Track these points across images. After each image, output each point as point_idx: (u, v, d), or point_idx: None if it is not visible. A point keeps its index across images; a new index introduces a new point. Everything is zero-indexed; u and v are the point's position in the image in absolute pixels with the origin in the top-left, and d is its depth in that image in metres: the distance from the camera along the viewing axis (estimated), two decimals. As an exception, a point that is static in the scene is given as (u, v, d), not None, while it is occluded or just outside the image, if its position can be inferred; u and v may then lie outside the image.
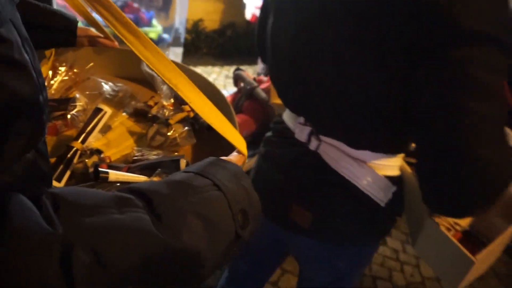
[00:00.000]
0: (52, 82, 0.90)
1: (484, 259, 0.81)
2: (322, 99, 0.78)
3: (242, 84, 2.14)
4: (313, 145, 0.86)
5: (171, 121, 0.85)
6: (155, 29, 3.08)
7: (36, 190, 0.38)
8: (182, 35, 3.23)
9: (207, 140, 0.88)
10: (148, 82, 0.96)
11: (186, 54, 4.14)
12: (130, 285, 0.36)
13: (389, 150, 0.81)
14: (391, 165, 0.83)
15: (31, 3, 0.90)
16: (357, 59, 0.68)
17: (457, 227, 0.92)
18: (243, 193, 0.52)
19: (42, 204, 0.35)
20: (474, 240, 0.93)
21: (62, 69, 0.92)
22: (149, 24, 3.05)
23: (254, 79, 2.37)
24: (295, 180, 0.90)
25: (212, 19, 4.89)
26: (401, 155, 0.85)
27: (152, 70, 0.91)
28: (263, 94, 2.13)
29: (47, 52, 0.95)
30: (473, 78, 0.57)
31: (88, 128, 0.81)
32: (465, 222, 0.95)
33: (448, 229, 0.90)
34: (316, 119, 0.84)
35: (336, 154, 0.83)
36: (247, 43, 4.55)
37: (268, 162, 0.98)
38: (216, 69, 4.53)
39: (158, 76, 0.91)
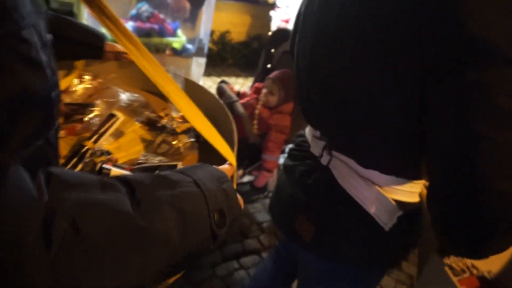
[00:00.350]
0: (76, 88, 1.01)
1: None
2: (336, 115, 0.78)
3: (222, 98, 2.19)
4: (324, 159, 0.89)
5: (178, 130, 0.93)
6: (179, 39, 3.14)
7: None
8: (206, 45, 3.32)
9: (210, 152, 0.95)
10: (162, 96, 1.05)
11: (211, 65, 4.29)
12: (98, 255, 0.39)
13: (399, 173, 0.79)
14: (403, 190, 0.80)
15: (68, 21, 1.03)
16: (372, 78, 0.67)
17: (474, 271, 0.86)
18: (222, 195, 0.55)
19: (35, 176, 0.40)
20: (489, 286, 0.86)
21: (87, 77, 1.03)
22: (173, 34, 3.11)
23: (238, 93, 2.41)
24: (304, 192, 0.93)
25: (238, 31, 5.13)
26: (422, 182, 0.81)
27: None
28: (241, 109, 2.16)
29: (77, 63, 1.06)
30: (491, 103, 0.53)
31: (101, 131, 0.90)
32: (485, 267, 0.88)
33: (463, 271, 0.84)
34: (329, 134, 0.86)
35: (345, 171, 0.83)
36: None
37: (286, 173, 1.03)
38: (240, 80, 4.67)
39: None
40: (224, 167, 0.67)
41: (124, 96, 0.98)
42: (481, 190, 0.56)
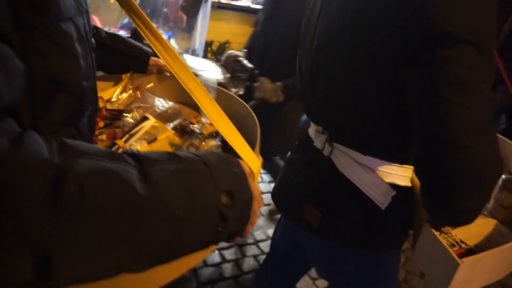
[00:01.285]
0: (120, 96, 1.12)
1: (474, 266, 0.84)
2: (335, 108, 0.92)
3: None
4: (326, 151, 1.01)
5: (204, 132, 0.98)
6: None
7: None
8: (200, 56, 3.33)
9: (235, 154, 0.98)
10: (196, 107, 1.12)
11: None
12: (100, 221, 0.41)
13: (393, 157, 0.91)
14: (397, 174, 0.93)
15: (119, 37, 1.17)
16: (360, 67, 0.81)
17: (463, 245, 0.98)
18: (232, 177, 0.56)
19: (49, 141, 0.43)
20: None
21: (130, 88, 1.14)
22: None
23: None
24: (309, 182, 1.04)
25: (238, 42, 4.86)
26: (412, 167, 0.94)
27: None
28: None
29: (123, 76, 1.19)
30: (455, 74, 0.67)
31: (132, 131, 0.98)
32: (472, 242, 1.01)
33: (452, 245, 0.95)
34: (330, 127, 0.99)
35: (345, 159, 0.95)
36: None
37: (290, 166, 1.16)
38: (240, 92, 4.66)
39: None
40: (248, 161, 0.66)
41: (158, 103, 1.06)
42: (449, 145, 0.69)
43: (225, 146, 1.01)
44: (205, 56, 5.00)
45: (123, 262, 0.45)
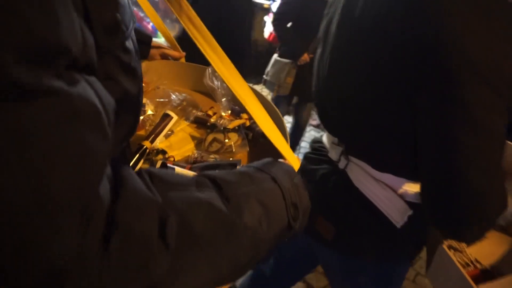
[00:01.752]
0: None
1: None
2: (351, 123, 0.90)
3: None
4: (342, 164, 0.99)
5: (229, 126, 1.00)
6: (159, 39, 3.10)
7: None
8: None
9: (260, 148, 1.03)
10: (209, 95, 1.12)
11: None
12: (203, 248, 0.45)
13: (410, 175, 0.90)
14: (413, 192, 0.91)
15: None
16: (381, 94, 0.80)
17: (478, 265, 0.98)
18: (294, 189, 0.61)
19: (142, 177, 0.45)
20: (491, 278, 0.96)
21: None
22: (153, 34, 3.07)
23: None
24: (323, 195, 1.03)
25: None
26: None
27: (213, 83, 1.09)
28: None
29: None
30: (469, 114, 0.66)
31: (157, 130, 0.98)
32: (487, 261, 1.01)
33: (467, 264, 0.96)
34: (347, 141, 0.97)
35: (361, 174, 0.95)
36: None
37: (304, 177, 1.11)
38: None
39: (218, 90, 1.09)
40: (291, 161, 0.72)
41: (174, 96, 1.05)
42: (456, 184, 0.70)
43: (247, 137, 1.05)
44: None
45: (222, 279, 0.50)
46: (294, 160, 0.73)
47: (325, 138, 1.10)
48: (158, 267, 0.40)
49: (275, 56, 2.73)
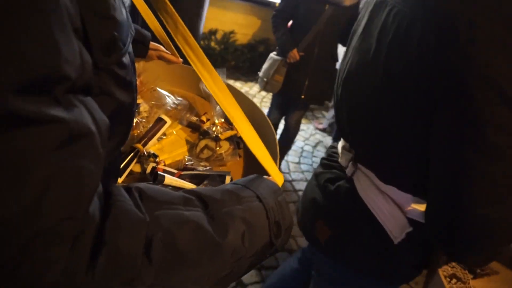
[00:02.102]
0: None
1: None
2: (362, 131, 0.91)
3: None
4: (349, 170, 1.00)
5: (221, 137, 1.03)
6: None
7: (113, 182, 0.51)
8: (198, 42, 3.29)
9: (251, 157, 1.05)
10: (206, 98, 1.14)
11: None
12: (187, 266, 0.46)
13: (415, 192, 0.88)
14: (418, 211, 0.89)
15: None
16: (394, 100, 0.78)
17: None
18: (278, 207, 0.63)
19: (132, 195, 0.47)
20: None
21: (132, 76, 1.12)
22: None
23: None
24: (325, 197, 1.04)
25: (243, 33, 4.96)
26: None
27: (209, 90, 1.11)
28: None
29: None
30: (484, 137, 0.62)
31: (150, 134, 1.00)
32: None
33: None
34: (356, 146, 0.97)
35: (366, 183, 0.95)
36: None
37: (314, 180, 1.15)
38: (238, 84, 4.61)
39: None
40: (275, 178, 0.74)
41: (169, 100, 1.07)
42: (463, 210, 0.68)
43: (239, 146, 1.08)
44: (208, 44, 4.74)
45: None
46: (278, 176, 0.75)
47: (339, 143, 1.11)
48: (142, 283, 0.42)
49: (272, 53, 2.72)
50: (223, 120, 1.10)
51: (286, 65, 2.61)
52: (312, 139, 3.93)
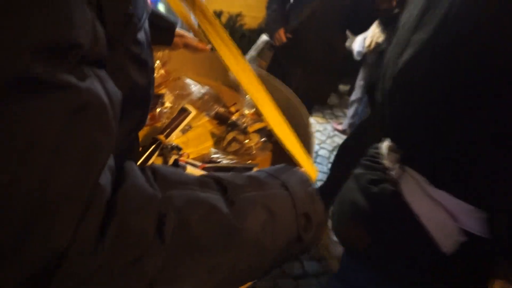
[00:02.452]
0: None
1: None
2: (414, 129, 0.83)
3: None
4: (396, 173, 0.91)
5: (249, 129, 0.95)
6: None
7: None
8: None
9: (282, 151, 0.97)
10: (235, 88, 1.07)
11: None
12: (200, 250, 0.44)
13: (472, 200, 0.80)
14: (474, 218, 0.81)
15: None
16: (448, 100, 0.73)
17: None
18: (308, 198, 0.57)
19: (145, 173, 0.45)
20: None
21: (156, 64, 1.06)
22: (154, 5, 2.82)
23: None
24: (367, 200, 0.95)
25: (253, 16, 4.41)
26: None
27: None
28: None
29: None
30: None
31: (173, 125, 0.94)
32: None
33: None
34: (403, 146, 0.89)
35: (414, 187, 0.86)
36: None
37: (353, 181, 1.05)
38: None
39: (244, 85, 1.03)
40: (308, 170, 0.68)
41: (195, 89, 1.00)
42: None
43: (270, 140, 0.99)
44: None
45: (217, 286, 0.48)
46: (311, 169, 0.69)
47: (384, 143, 1.02)
48: (152, 262, 0.40)
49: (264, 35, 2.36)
50: (253, 110, 1.02)
51: (273, 50, 2.25)
52: (329, 142, 3.42)
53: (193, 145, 0.99)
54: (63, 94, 0.34)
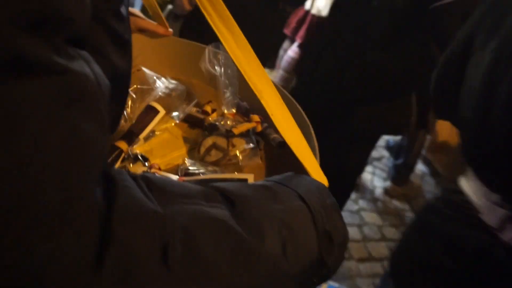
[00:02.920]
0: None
1: None
2: None
3: None
4: (507, 235, 0.74)
5: (235, 131, 0.77)
6: None
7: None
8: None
9: (275, 162, 0.80)
10: (208, 82, 0.89)
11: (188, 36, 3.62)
12: (210, 274, 0.38)
13: None
14: None
15: None
16: None
17: None
18: (326, 214, 0.50)
19: (138, 183, 0.38)
20: None
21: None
22: None
23: None
24: (475, 277, 0.78)
25: None
26: None
27: (213, 69, 0.86)
28: None
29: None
30: None
31: (137, 129, 0.73)
32: None
33: None
34: None
35: None
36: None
37: (431, 239, 0.87)
38: None
39: (221, 78, 0.85)
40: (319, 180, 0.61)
41: (161, 83, 0.80)
42: None
43: (259, 147, 0.82)
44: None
45: None
46: (322, 179, 0.61)
47: (468, 186, 0.83)
48: None
49: None
50: (234, 110, 0.84)
51: (179, 20, 1.82)
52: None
53: (159, 155, 0.79)
54: (49, 77, 0.30)
